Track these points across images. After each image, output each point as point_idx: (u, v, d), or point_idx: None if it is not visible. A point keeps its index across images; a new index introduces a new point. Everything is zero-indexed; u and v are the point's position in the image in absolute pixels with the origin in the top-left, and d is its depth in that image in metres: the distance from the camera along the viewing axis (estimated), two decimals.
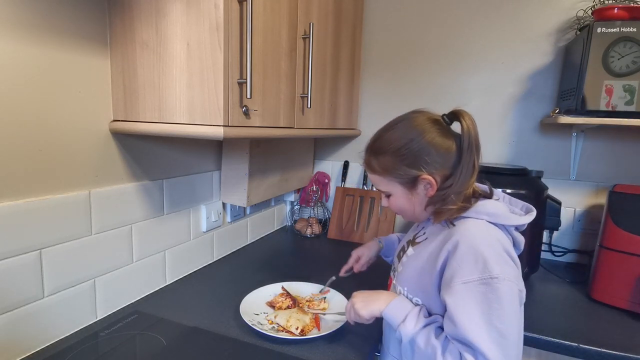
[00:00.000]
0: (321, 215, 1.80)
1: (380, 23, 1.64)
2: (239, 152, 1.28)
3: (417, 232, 0.82)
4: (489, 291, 0.62)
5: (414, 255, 0.78)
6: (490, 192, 0.76)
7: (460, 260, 0.65)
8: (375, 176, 0.78)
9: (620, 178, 1.37)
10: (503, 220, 0.69)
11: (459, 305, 0.63)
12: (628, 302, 1.06)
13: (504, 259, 0.65)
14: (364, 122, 1.72)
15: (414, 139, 0.71)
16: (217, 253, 1.37)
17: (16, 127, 0.74)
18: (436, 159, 0.71)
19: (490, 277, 0.62)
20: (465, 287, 0.63)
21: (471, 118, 0.70)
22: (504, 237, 0.69)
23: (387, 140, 0.75)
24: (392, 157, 0.73)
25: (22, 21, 0.73)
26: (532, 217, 0.73)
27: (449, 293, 0.65)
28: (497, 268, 0.63)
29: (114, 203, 0.95)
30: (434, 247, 0.72)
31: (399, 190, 0.76)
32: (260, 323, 0.93)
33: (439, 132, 0.72)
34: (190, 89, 0.81)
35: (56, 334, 0.85)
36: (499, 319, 0.61)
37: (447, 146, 0.71)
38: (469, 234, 0.67)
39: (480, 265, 0.63)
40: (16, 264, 0.76)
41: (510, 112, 1.50)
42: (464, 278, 0.64)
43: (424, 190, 0.73)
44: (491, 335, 0.61)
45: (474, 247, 0.65)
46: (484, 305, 0.62)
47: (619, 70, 1.09)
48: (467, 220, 0.70)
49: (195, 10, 0.79)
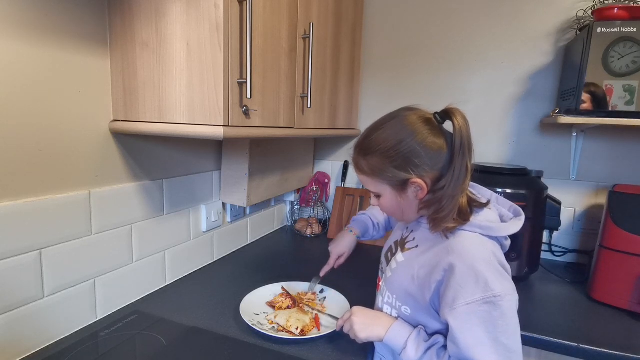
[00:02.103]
0: (321, 215, 1.80)
1: (380, 23, 1.64)
2: (239, 152, 1.28)
3: (406, 236, 0.81)
4: (493, 309, 0.62)
5: (404, 262, 0.76)
6: (487, 202, 0.74)
7: (461, 281, 0.64)
8: (364, 177, 0.76)
9: (620, 178, 1.37)
10: (496, 232, 0.69)
11: (464, 328, 0.63)
12: (628, 302, 1.06)
13: (502, 274, 0.65)
14: (364, 122, 1.72)
15: (403, 140, 0.68)
16: (217, 253, 1.37)
17: (16, 127, 0.74)
18: (426, 161, 0.68)
19: (493, 296, 0.62)
20: (469, 308, 0.63)
21: (464, 117, 0.67)
22: (497, 249, 0.69)
23: (376, 140, 0.71)
24: (381, 159, 0.70)
25: (22, 21, 0.73)
26: (521, 222, 0.72)
27: (453, 316, 0.64)
28: (498, 286, 0.62)
29: (114, 203, 0.95)
30: (427, 260, 0.71)
31: (388, 192, 0.74)
32: (260, 323, 0.93)
33: (430, 131, 0.68)
34: (190, 89, 0.81)
35: (56, 334, 0.85)
36: (505, 335, 0.62)
37: (438, 147, 0.68)
38: (465, 252, 0.66)
39: (482, 284, 0.62)
40: (16, 264, 0.76)
41: (510, 112, 1.50)
42: (467, 299, 0.63)
43: (414, 193, 0.71)
44: (499, 351, 0.61)
45: (474, 267, 0.64)
46: (489, 324, 0.62)
47: (619, 70, 1.09)
48: (461, 234, 0.69)
49: (195, 10, 0.79)
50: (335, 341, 0.88)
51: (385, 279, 0.81)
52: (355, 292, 1.08)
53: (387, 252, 0.85)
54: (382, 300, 0.81)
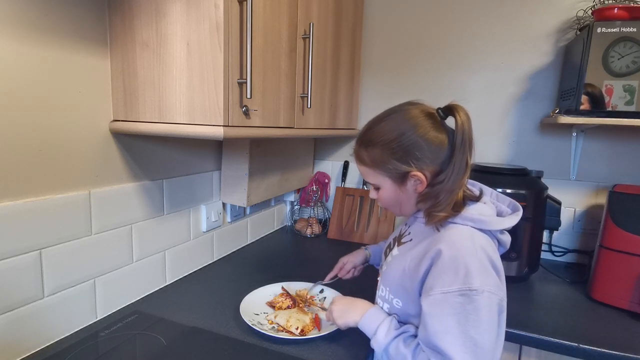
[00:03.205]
0: (321, 215, 1.80)
1: (380, 23, 1.64)
2: (239, 152, 1.28)
3: (404, 231, 0.82)
4: (467, 302, 0.62)
5: (398, 256, 0.78)
6: (480, 194, 0.74)
7: (442, 269, 0.64)
8: (364, 168, 0.77)
9: (620, 178, 1.37)
10: (488, 226, 0.69)
11: (435, 314, 0.64)
12: (628, 302, 1.06)
13: (486, 270, 0.65)
14: (364, 122, 1.69)
15: (405, 133, 0.69)
16: (217, 253, 1.37)
17: (16, 127, 0.74)
18: (427, 155, 0.69)
19: (469, 289, 0.62)
20: (444, 297, 0.63)
21: (466, 113, 0.68)
22: (488, 243, 0.69)
23: (378, 132, 0.73)
24: (382, 150, 0.71)
25: (22, 21, 0.73)
26: (518, 217, 0.72)
27: (427, 301, 0.65)
28: (477, 280, 0.62)
29: (114, 203, 0.95)
30: (418, 251, 0.72)
31: (387, 184, 0.74)
32: (260, 323, 0.93)
33: (432, 126, 0.69)
34: (190, 89, 0.81)
35: (56, 334, 0.85)
36: (475, 329, 0.61)
37: (439, 141, 0.69)
38: (452, 242, 0.66)
39: (461, 276, 0.63)
40: (16, 264, 0.76)
41: (510, 112, 1.50)
42: (444, 288, 0.63)
43: (413, 186, 0.72)
44: (465, 344, 0.61)
45: (457, 257, 0.64)
46: (461, 316, 0.62)
47: (619, 70, 1.09)
48: (452, 227, 0.69)
49: (195, 10, 0.79)
50: (335, 341, 0.88)
51: (381, 274, 0.83)
52: (355, 293, 1.08)
53: (387, 249, 0.86)
54: (378, 294, 0.83)
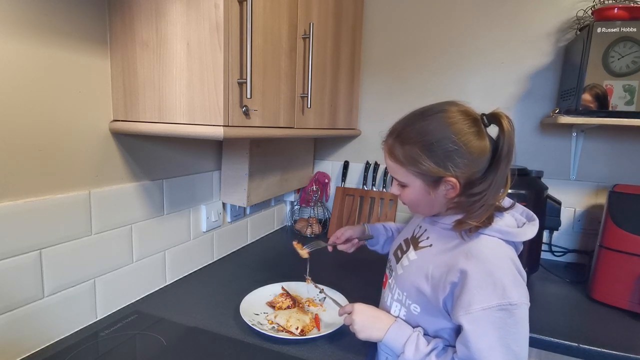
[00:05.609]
0: (321, 215, 1.80)
1: (380, 23, 1.64)
2: (239, 152, 1.28)
3: (419, 233, 0.80)
4: (507, 316, 0.63)
5: (417, 261, 0.76)
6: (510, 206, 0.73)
7: (478, 284, 0.64)
8: (395, 164, 0.73)
9: (620, 178, 1.37)
10: (514, 237, 0.69)
11: (477, 332, 0.63)
12: (628, 302, 1.06)
13: (519, 281, 0.65)
14: (364, 122, 1.71)
15: (449, 137, 0.66)
16: (217, 253, 1.37)
17: (16, 127, 0.74)
18: (466, 162, 0.66)
19: (509, 304, 0.62)
20: (484, 314, 0.63)
21: (511, 122, 0.66)
22: (514, 254, 0.69)
23: (420, 130, 0.69)
24: (421, 150, 0.68)
25: (22, 21, 0.73)
26: (536, 227, 0.71)
27: (467, 319, 0.64)
28: (515, 293, 0.63)
29: (114, 203, 0.95)
30: (443, 261, 0.70)
31: (417, 184, 0.72)
32: (260, 323, 0.93)
33: (475, 133, 0.67)
34: (190, 89, 0.81)
35: (56, 334, 0.85)
36: (516, 342, 0.63)
37: (480, 150, 0.66)
38: (485, 257, 0.66)
39: (499, 291, 0.63)
40: (16, 264, 0.76)
41: (510, 112, 1.49)
42: (483, 304, 0.63)
43: (445, 190, 0.70)
44: (508, 358, 0.62)
45: (492, 272, 0.64)
46: (502, 331, 0.62)
47: (619, 70, 1.09)
48: (482, 238, 0.68)
49: (195, 10, 0.79)
50: (336, 341, 0.88)
51: (395, 276, 0.81)
52: (355, 291, 1.08)
53: (397, 250, 0.85)
54: (392, 297, 0.80)
